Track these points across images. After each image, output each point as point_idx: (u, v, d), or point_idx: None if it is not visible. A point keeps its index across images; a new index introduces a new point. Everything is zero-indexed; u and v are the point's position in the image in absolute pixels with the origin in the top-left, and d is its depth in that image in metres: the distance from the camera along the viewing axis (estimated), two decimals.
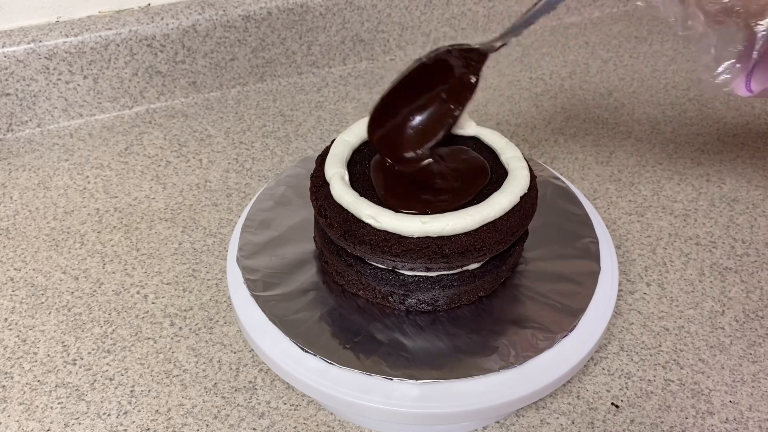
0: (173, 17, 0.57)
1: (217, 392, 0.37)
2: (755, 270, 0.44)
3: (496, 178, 0.36)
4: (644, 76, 0.65)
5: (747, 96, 0.27)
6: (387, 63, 0.66)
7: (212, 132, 0.57)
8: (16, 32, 0.54)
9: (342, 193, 0.34)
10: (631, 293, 0.43)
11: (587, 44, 0.70)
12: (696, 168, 0.53)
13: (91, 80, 0.57)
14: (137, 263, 0.45)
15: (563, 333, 0.34)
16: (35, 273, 0.44)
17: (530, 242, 0.38)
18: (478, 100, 0.61)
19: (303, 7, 0.60)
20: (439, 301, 0.35)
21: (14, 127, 0.56)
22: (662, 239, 0.47)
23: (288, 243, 0.39)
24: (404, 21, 0.66)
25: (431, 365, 0.32)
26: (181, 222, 0.48)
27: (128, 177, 0.52)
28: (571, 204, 0.42)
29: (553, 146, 0.55)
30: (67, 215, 0.49)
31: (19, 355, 0.39)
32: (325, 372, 0.32)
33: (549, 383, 0.32)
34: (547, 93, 0.62)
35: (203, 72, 0.60)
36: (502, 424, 0.36)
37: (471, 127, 0.39)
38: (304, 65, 0.64)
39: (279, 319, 0.34)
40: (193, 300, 0.42)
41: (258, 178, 0.52)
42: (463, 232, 0.32)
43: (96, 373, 0.38)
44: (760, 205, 0.49)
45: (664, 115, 0.59)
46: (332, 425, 0.35)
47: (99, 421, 0.36)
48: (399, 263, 0.33)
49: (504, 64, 0.66)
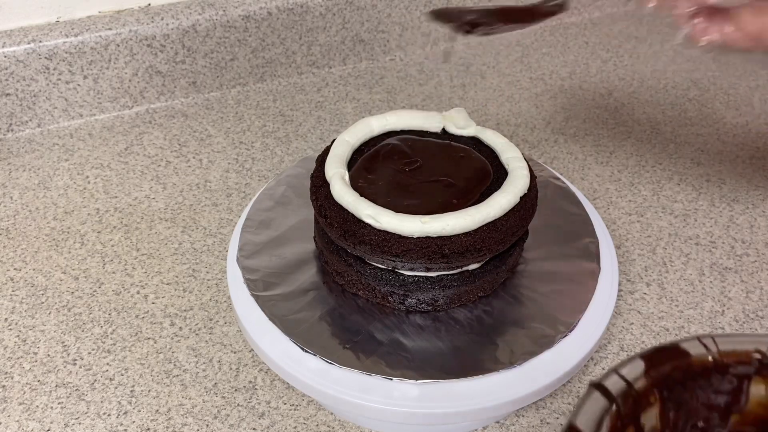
0: (173, 17, 0.57)
1: (217, 392, 0.37)
2: (755, 270, 0.44)
3: (496, 178, 0.36)
4: (644, 76, 0.65)
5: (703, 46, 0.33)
6: (387, 63, 0.66)
7: (212, 132, 0.57)
8: (16, 32, 0.54)
9: (342, 193, 0.34)
10: (631, 293, 0.43)
11: (587, 44, 0.70)
12: (696, 168, 0.53)
13: (91, 80, 0.57)
14: (137, 263, 0.45)
15: (563, 333, 0.34)
16: (35, 273, 0.44)
17: (530, 242, 0.38)
18: (478, 100, 0.61)
19: (303, 7, 0.60)
20: (439, 301, 0.35)
21: (14, 127, 0.56)
22: (662, 239, 0.47)
23: (288, 243, 0.39)
24: (404, 21, 0.66)
25: (431, 365, 0.32)
26: (181, 222, 0.48)
27: (128, 177, 0.52)
28: (571, 204, 0.42)
29: (553, 146, 0.55)
30: (67, 215, 0.49)
31: (19, 355, 0.39)
32: (325, 372, 0.32)
33: (549, 383, 0.32)
34: (547, 93, 0.62)
35: (203, 72, 0.60)
36: (502, 424, 0.36)
37: (471, 127, 0.39)
38: (304, 65, 0.64)
39: (279, 319, 0.34)
40: (193, 300, 0.42)
41: (258, 178, 0.52)
42: (463, 232, 0.32)
43: (96, 373, 0.38)
44: (760, 205, 0.49)
45: (664, 115, 0.59)
46: (332, 425, 0.36)
47: (99, 421, 0.36)
48: (399, 263, 0.33)
49: (504, 64, 0.66)
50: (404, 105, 0.61)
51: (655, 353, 0.25)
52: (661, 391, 0.25)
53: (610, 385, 0.24)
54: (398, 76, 0.64)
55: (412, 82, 0.63)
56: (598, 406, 0.23)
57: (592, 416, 0.23)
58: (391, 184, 0.35)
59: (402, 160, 0.37)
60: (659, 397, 0.25)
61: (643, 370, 0.25)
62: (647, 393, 0.24)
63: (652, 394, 0.25)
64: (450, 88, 0.63)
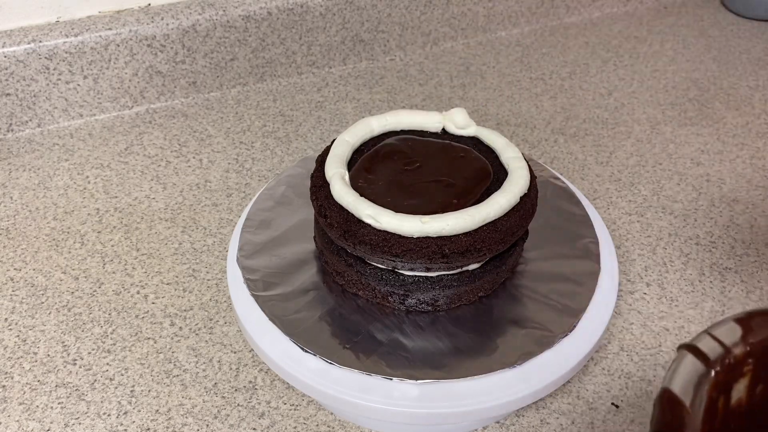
0: (173, 17, 0.57)
1: (217, 392, 0.37)
2: (755, 270, 0.44)
3: (496, 178, 0.36)
4: (644, 76, 0.65)
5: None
6: (387, 63, 0.66)
7: (212, 132, 0.57)
8: (16, 32, 0.54)
9: (342, 193, 0.34)
10: (631, 293, 0.43)
11: (587, 44, 0.70)
12: (696, 168, 0.53)
13: (91, 80, 0.57)
14: (137, 263, 0.45)
15: (563, 333, 0.34)
16: (35, 273, 0.44)
17: (530, 242, 0.38)
18: (478, 99, 0.61)
19: (303, 7, 0.60)
20: (439, 301, 0.35)
21: (14, 127, 0.56)
22: (662, 239, 0.47)
23: (288, 243, 0.39)
24: (404, 21, 0.66)
25: (431, 365, 0.32)
26: (181, 222, 0.48)
27: (128, 177, 0.52)
28: (571, 204, 0.42)
29: (553, 146, 0.55)
30: (67, 215, 0.49)
31: (19, 355, 0.39)
32: (325, 372, 0.32)
33: (549, 383, 0.32)
34: (547, 93, 0.62)
35: (203, 72, 0.60)
36: (502, 424, 0.36)
37: (471, 127, 0.39)
38: (304, 65, 0.64)
39: (279, 319, 0.34)
40: (193, 300, 0.42)
41: (258, 178, 0.52)
42: (463, 232, 0.32)
43: (96, 373, 0.38)
44: (760, 205, 0.49)
45: (664, 115, 0.59)
46: (332, 425, 0.36)
47: (99, 421, 0.36)
48: (399, 263, 0.33)
49: (504, 64, 0.66)
50: (404, 105, 0.61)
51: (752, 317, 0.23)
52: (756, 360, 0.23)
53: (707, 348, 0.22)
54: (398, 76, 0.64)
55: (412, 82, 0.63)
56: (695, 371, 0.21)
57: (690, 382, 0.21)
58: (391, 184, 0.35)
59: (402, 160, 0.37)
60: (753, 368, 0.23)
61: (740, 335, 0.22)
62: (743, 361, 0.22)
63: (746, 363, 0.22)
64: (450, 88, 0.63)
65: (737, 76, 0.64)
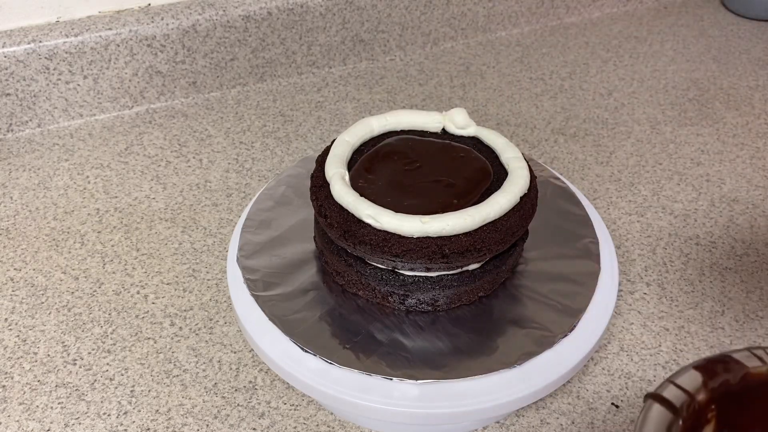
0: (173, 17, 0.57)
1: (217, 392, 0.37)
2: (755, 270, 0.44)
3: (496, 178, 0.36)
4: (644, 76, 0.65)
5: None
6: (387, 63, 0.66)
7: (212, 132, 0.57)
8: (16, 32, 0.54)
9: (342, 193, 0.34)
10: (631, 293, 0.43)
11: (587, 44, 0.70)
12: (696, 168, 0.53)
13: (91, 80, 0.57)
14: (137, 263, 0.45)
15: (563, 333, 0.34)
16: (35, 273, 0.44)
17: (530, 242, 0.38)
18: (478, 99, 0.61)
19: (303, 7, 0.60)
20: (439, 301, 0.35)
21: (14, 127, 0.56)
22: (662, 239, 0.47)
23: (288, 243, 0.39)
24: (404, 21, 0.66)
25: (431, 365, 0.32)
26: (181, 222, 0.48)
27: (128, 177, 0.52)
28: (571, 204, 0.42)
29: (553, 146, 0.55)
30: (67, 215, 0.49)
31: (19, 355, 0.39)
32: (325, 372, 0.32)
33: (549, 383, 0.32)
34: (547, 93, 0.62)
35: (203, 72, 0.60)
36: (502, 424, 0.36)
37: (471, 127, 0.39)
38: (304, 65, 0.64)
39: (279, 319, 0.34)
40: (193, 300, 0.42)
41: (258, 178, 0.52)
42: (463, 232, 0.32)
43: (96, 373, 0.38)
44: (760, 205, 0.49)
45: (664, 115, 0.59)
46: (332, 425, 0.36)
47: (99, 421, 0.36)
48: (399, 263, 0.33)
49: (504, 64, 0.66)
50: (404, 105, 0.61)
51: (710, 363, 0.23)
52: (718, 405, 0.23)
53: (671, 396, 0.22)
54: (398, 76, 0.64)
55: (412, 82, 0.63)
56: (664, 420, 0.21)
57: (660, 431, 0.21)
58: (391, 184, 0.35)
59: (402, 160, 0.37)
60: (716, 413, 0.23)
61: (701, 382, 0.22)
62: (707, 407, 0.22)
63: (709, 409, 0.23)
64: (450, 88, 0.63)
65: (737, 76, 0.64)
